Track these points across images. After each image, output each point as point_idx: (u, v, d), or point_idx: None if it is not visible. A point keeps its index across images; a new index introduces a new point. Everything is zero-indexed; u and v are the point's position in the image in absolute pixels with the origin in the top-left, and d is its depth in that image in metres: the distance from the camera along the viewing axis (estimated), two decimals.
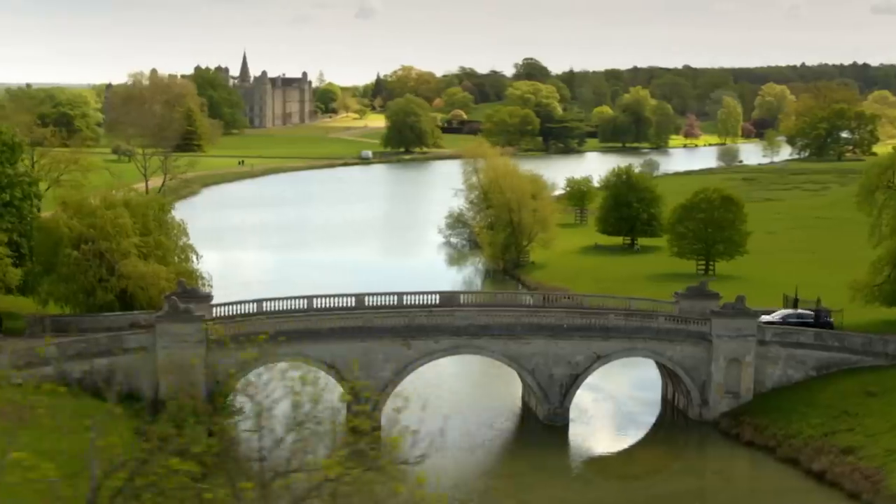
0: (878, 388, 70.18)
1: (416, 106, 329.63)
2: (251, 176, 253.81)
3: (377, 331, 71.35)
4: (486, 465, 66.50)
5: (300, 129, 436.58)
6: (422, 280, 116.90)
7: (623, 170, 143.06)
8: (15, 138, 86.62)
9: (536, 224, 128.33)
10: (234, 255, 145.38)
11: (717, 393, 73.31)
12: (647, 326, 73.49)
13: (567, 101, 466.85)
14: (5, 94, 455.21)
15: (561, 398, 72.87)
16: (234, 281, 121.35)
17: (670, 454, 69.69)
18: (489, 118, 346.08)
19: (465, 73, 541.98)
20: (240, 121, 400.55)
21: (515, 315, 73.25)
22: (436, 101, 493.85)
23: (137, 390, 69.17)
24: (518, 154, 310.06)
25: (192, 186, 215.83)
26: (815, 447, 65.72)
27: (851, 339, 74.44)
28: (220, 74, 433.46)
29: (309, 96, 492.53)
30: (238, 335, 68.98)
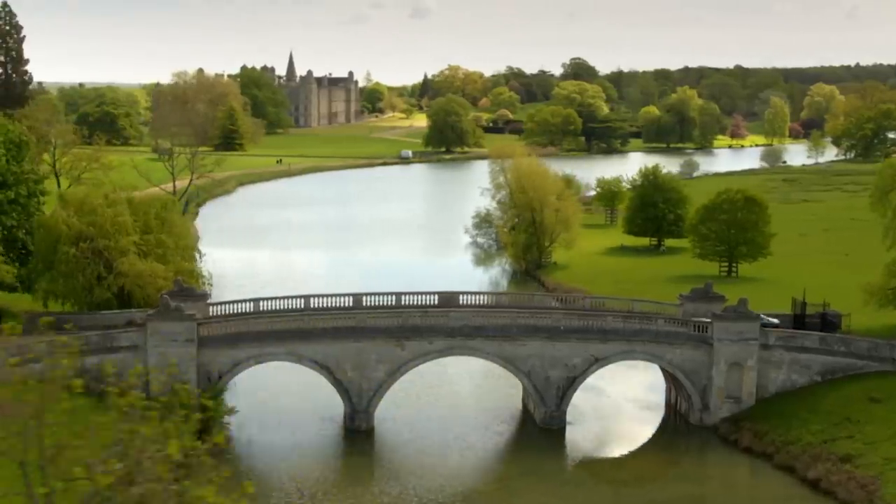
0: (882, 395, 68.31)
1: (458, 105, 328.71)
2: (288, 175, 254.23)
3: (370, 331, 70.55)
4: (476, 468, 65.38)
5: (345, 128, 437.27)
6: (446, 280, 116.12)
7: (650, 170, 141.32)
8: (22, 136, 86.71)
9: (559, 224, 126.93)
10: (256, 253, 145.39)
11: (718, 397, 71.76)
12: (646, 329, 72.07)
13: (614, 101, 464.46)
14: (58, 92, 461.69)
15: (558, 401, 71.66)
16: (252, 280, 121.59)
17: (666, 459, 68.18)
18: (531, 118, 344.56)
19: (512, 73, 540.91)
20: (284, 120, 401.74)
21: (511, 316, 72.10)
22: (482, 101, 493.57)
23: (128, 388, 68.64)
24: (559, 154, 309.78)
25: (227, 185, 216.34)
26: (812, 454, 64.07)
27: (857, 343, 72.53)
28: (266, 74, 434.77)
29: (355, 96, 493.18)
30: (230, 335, 68.73)
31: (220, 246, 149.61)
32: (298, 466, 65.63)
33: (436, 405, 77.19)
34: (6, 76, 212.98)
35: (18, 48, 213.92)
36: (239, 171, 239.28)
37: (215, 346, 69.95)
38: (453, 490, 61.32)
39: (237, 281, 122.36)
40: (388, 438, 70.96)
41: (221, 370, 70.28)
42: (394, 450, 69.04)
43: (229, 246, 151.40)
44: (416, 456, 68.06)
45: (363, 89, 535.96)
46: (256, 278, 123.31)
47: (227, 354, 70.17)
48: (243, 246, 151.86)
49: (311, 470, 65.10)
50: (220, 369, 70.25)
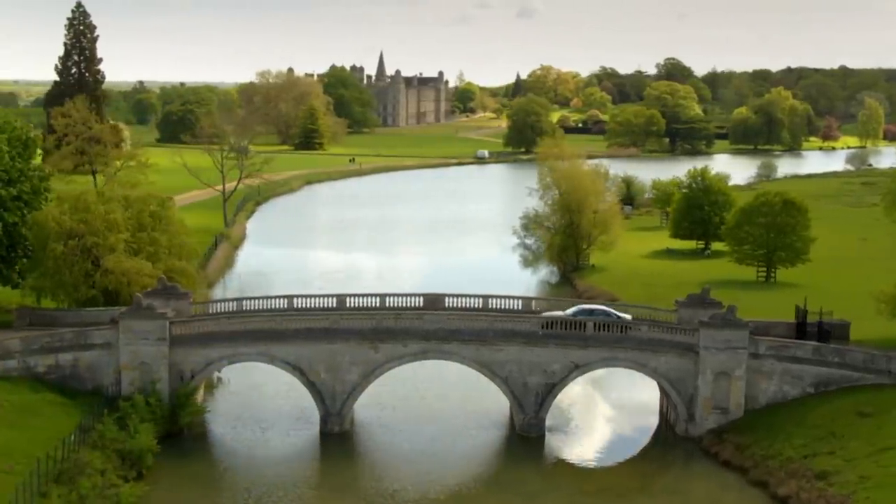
0: (872, 409, 65.00)
1: (538, 106, 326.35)
2: (359, 174, 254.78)
3: (343, 333, 69.38)
4: (437, 475, 63.45)
5: (432, 128, 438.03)
6: (484, 283, 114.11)
7: (698, 172, 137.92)
8: (28, 134, 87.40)
9: (596, 227, 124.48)
10: (300, 251, 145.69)
11: (704, 408, 69.00)
12: (629, 335, 69.62)
13: (707, 101, 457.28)
14: (159, 91, 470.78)
15: (536, 408, 69.65)
16: (284, 277, 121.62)
17: (639, 471, 65.64)
18: (613, 118, 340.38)
19: (605, 73, 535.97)
20: (370, 119, 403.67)
21: (488, 320, 70.21)
22: (574, 101, 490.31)
23: (101, 386, 69.01)
24: (640, 155, 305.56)
25: (292, 184, 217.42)
26: (790, 470, 61.21)
27: (853, 355, 69.14)
28: (354, 74, 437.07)
29: (445, 95, 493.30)
30: (203, 334, 68.26)
31: (267, 244, 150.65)
32: (265, 468, 64.75)
33: (421, 409, 75.85)
34: (80, 75, 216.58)
35: (92, 47, 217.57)
36: (308, 171, 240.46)
37: (188, 346, 69.50)
38: (402, 498, 59.79)
39: (269, 278, 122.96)
40: (362, 441, 69.76)
41: (194, 369, 69.81)
42: (361, 453, 67.69)
43: (277, 244, 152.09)
44: (382, 460, 66.87)
45: (455, 89, 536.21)
46: (290, 276, 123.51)
47: (200, 354, 69.66)
48: (289, 244, 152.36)
49: (275, 472, 64.13)
50: (192, 369, 69.78)
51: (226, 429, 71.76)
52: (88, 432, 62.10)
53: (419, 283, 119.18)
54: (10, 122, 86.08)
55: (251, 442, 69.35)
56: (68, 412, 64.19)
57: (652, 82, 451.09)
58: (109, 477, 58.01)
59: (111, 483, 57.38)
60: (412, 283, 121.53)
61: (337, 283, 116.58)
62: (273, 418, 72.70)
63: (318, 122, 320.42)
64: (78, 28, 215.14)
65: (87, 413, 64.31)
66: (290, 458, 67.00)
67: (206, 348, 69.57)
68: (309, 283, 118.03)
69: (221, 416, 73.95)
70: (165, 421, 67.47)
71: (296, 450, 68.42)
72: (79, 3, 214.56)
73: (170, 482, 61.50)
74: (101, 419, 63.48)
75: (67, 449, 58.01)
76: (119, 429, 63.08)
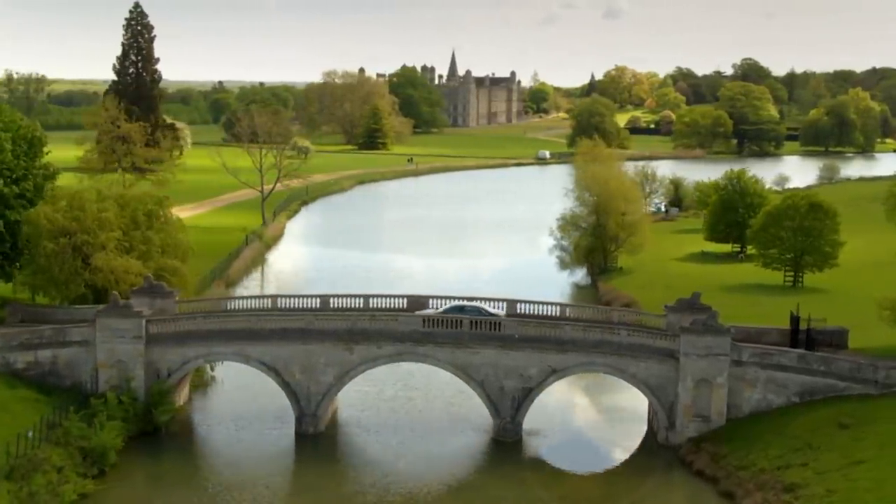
0: (853, 420, 62.79)
1: (602, 106, 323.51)
2: (414, 174, 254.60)
3: (319, 334, 68.95)
4: (399, 478, 62.73)
5: (502, 128, 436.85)
6: (512, 285, 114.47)
7: (734, 174, 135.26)
8: (36, 132, 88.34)
9: (623, 228, 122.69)
10: (334, 251, 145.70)
11: (685, 416, 67.25)
12: (608, 340, 68.12)
13: (783, 102, 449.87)
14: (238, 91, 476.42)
15: (513, 413, 68.51)
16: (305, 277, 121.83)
17: (609, 480, 64.06)
18: (680, 119, 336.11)
19: (680, 74, 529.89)
20: (439, 119, 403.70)
21: (464, 322, 69.16)
22: (648, 102, 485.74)
23: (79, 383, 69.37)
24: (706, 157, 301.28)
25: (343, 184, 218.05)
26: (759, 482, 59.46)
27: (839, 363, 66.86)
28: (425, 74, 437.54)
29: (517, 96, 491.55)
30: (179, 333, 68.34)
31: (304, 243, 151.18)
32: (234, 468, 64.65)
33: (404, 410, 75.18)
34: (137, 75, 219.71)
35: (149, 47, 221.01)
36: (362, 170, 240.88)
37: (164, 344, 69.61)
38: (360, 502, 59.19)
39: (296, 277, 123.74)
40: (336, 443, 69.24)
41: (171, 368, 69.88)
42: (332, 455, 66.98)
43: (313, 243, 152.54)
44: (350, 462, 66.31)
45: (528, 89, 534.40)
46: (317, 275, 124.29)
47: (176, 352, 69.72)
48: (325, 243, 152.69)
49: (242, 472, 63.94)
50: (169, 367, 69.86)
51: (203, 428, 71.78)
52: (54, 429, 62.36)
53: (448, 284, 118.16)
54: (15, 121, 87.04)
55: (225, 441, 69.25)
56: (39, 409, 64.49)
57: (727, 83, 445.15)
58: (67, 474, 58.15)
59: (66, 480, 57.54)
60: (440, 284, 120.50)
61: (364, 283, 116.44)
62: (252, 418, 72.48)
63: (382, 122, 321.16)
64: (135, 28, 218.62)
65: (57, 410, 64.56)
66: (261, 458, 66.50)
67: (182, 347, 69.62)
68: (335, 282, 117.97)
69: (203, 415, 74.07)
70: (139, 419, 67.58)
71: (268, 450, 67.95)
72: (136, 4, 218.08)
73: (132, 480, 61.59)
74: (68, 416, 63.69)
75: (25, 445, 58.19)
76: (88, 426, 63.25)
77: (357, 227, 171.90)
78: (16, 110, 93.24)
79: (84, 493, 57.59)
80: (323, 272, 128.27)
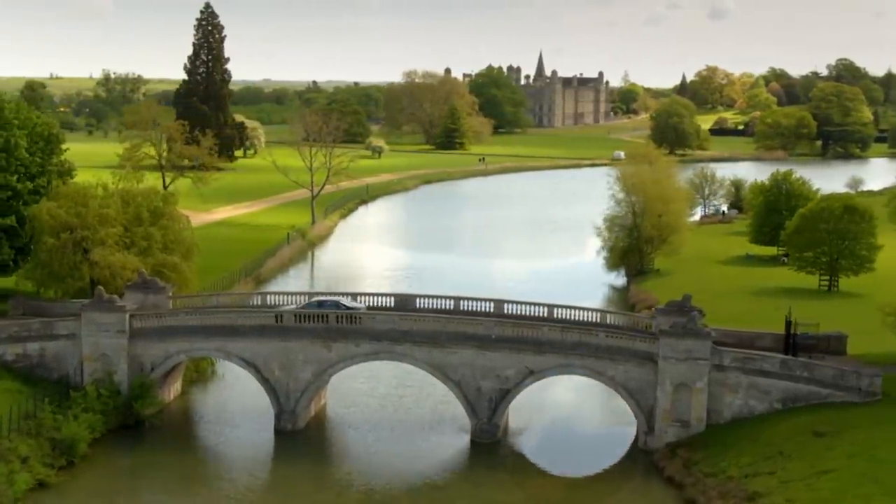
0: (829, 428, 60.95)
1: (681, 107, 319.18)
2: (484, 174, 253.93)
3: (297, 331, 69.10)
4: (363, 478, 62.49)
5: (587, 129, 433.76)
6: (561, 286, 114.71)
7: (780, 175, 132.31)
8: (52, 130, 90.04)
9: (660, 230, 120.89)
10: (380, 250, 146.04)
11: (663, 421, 65.90)
12: (586, 342, 67.04)
13: (879, 104, 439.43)
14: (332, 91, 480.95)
15: (490, 413, 67.86)
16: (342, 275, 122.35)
17: (576, 485, 62.74)
18: (762, 120, 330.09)
19: (773, 75, 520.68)
20: (523, 120, 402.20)
21: (441, 322, 68.69)
22: (738, 103, 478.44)
23: (66, 376, 70.53)
24: (788, 158, 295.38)
25: (406, 183, 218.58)
26: (723, 490, 58.08)
27: (822, 370, 64.85)
28: (511, 74, 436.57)
29: (605, 96, 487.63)
30: (162, 328, 69.09)
31: (352, 242, 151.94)
32: (206, 463, 65.35)
33: (390, 409, 75.02)
34: (207, 74, 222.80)
35: (219, 47, 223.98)
36: (430, 170, 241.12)
37: (147, 339, 70.44)
38: (317, 500, 59.14)
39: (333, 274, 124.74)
40: (313, 440, 69.11)
41: (154, 362, 70.69)
42: (305, 453, 66.78)
43: (360, 242, 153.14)
44: (322, 461, 65.94)
45: (617, 90, 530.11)
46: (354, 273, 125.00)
47: (159, 347, 70.48)
48: (373, 242, 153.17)
49: (213, 467, 64.50)
50: (152, 361, 70.67)
51: (188, 423, 72.50)
52: (30, 419, 63.45)
53: (487, 285, 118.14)
54: (31, 119, 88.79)
55: (205, 436, 69.93)
56: (19, 400, 65.58)
57: (819, 83, 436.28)
58: (31, 464, 59.18)
59: (29, 469, 58.54)
60: (479, 285, 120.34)
61: (400, 282, 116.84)
62: (239, 414, 72.99)
63: (460, 122, 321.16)
64: (206, 28, 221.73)
65: (35, 401, 65.60)
66: (235, 454, 66.88)
67: (164, 342, 70.33)
68: (368, 280, 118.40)
69: (191, 409, 74.80)
70: (119, 412, 68.44)
71: (244, 446, 68.22)
72: (207, 5, 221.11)
73: (100, 472, 62.24)
74: (43, 407, 64.76)
75: None
76: (64, 418, 64.23)
77: (407, 225, 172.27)
78: (32, 108, 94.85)
79: (44, 483, 58.42)
80: (360, 270, 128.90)
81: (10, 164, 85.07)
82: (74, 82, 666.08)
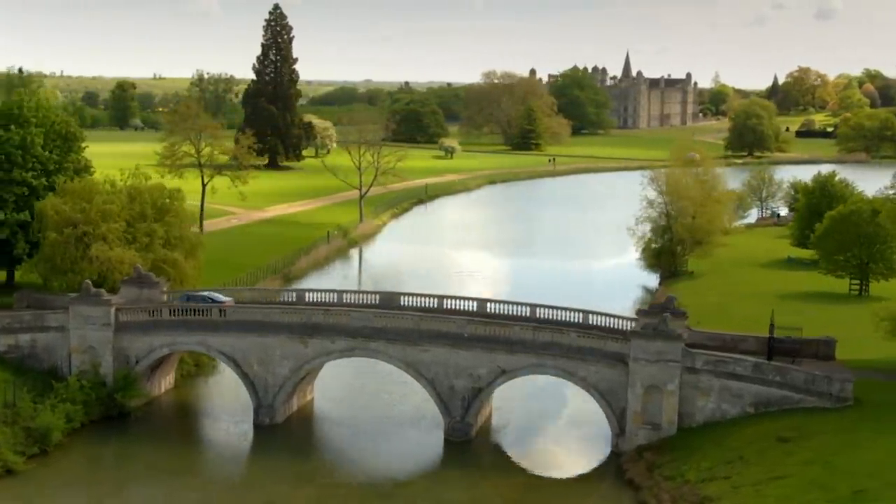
0: (793, 434, 59.79)
1: (760, 108, 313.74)
2: (552, 175, 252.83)
3: (274, 327, 69.95)
4: (329, 474, 63.03)
5: (672, 130, 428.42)
6: (597, 288, 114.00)
7: (822, 177, 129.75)
8: (70, 128, 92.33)
9: (696, 232, 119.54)
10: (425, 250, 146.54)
11: (634, 423, 65.23)
12: (558, 342, 66.65)
13: None
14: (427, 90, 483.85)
15: (463, 412, 67.90)
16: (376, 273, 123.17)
17: (538, 486, 62.36)
18: (845, 122, 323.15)
19: (868, 76, 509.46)
20: (605, 121, 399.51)
21: (415, 320, 68.90)
22: (830, 104, 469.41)
23: (56, 367, 72.35)
24: (869, 161, 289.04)
25: (468, 183, 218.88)
26: (677, 494, 57.46)
27: (794, 374, 63.60)
28: (596, 75, 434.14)
29: (693, 98, 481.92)
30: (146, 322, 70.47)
31: (399, 241, 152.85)
32: (179, 455, 65.99)
33: (375, 404, 75.78)
34: (275, 74, 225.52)
35: (287, 48, 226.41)
36: (496, 170, 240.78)
37: (132, 332, 71.95)
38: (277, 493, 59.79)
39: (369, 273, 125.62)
40: (290, 435, 69.69)
41: (138, 355, 72.14)
42: (279, 448, 67.34)
43: (407, 242, 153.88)
44: (291, 456, 66.30)
45: (707, 91, 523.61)
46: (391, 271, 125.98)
47: (143, 341, 71.93)
48: (419, 242, 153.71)
49: (185, 460, 65.43)
50: (136, 354, 72.14)
51: (172, 415, 73.86)
52: (8, 408, 65.23)
53: (521, 285, 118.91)
54: (49, 117, 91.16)
55: (185, 430, 71.27)
56: (4, 389, 67.42)
57: None
58: (2, 451, 60.89)
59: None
60: (512, 284, 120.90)
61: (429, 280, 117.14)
62: (222, 408, 74.32)
63: (536, 123, 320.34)
64: (275, 29, 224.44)
65: (16, 390, 67.37)
66: (210, 447, 68.10)
67: (148, 335, 71.77)
68: (400, 279, 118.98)
69: (179, 402, 76.18)
70: (103, 403, 69.96)
71: (222, 440, 69.42)
72: (276, 6, 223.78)
73: (71, 461, 63.64)
74: (23, 396, 66.51)
75: None
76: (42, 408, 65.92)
77: (456, 225, 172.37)
78: (51, 105, 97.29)
79: (12, 470, 60.05)
80: (393, 268, 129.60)
81: (26, 160, 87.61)
82: (176, 83, 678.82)
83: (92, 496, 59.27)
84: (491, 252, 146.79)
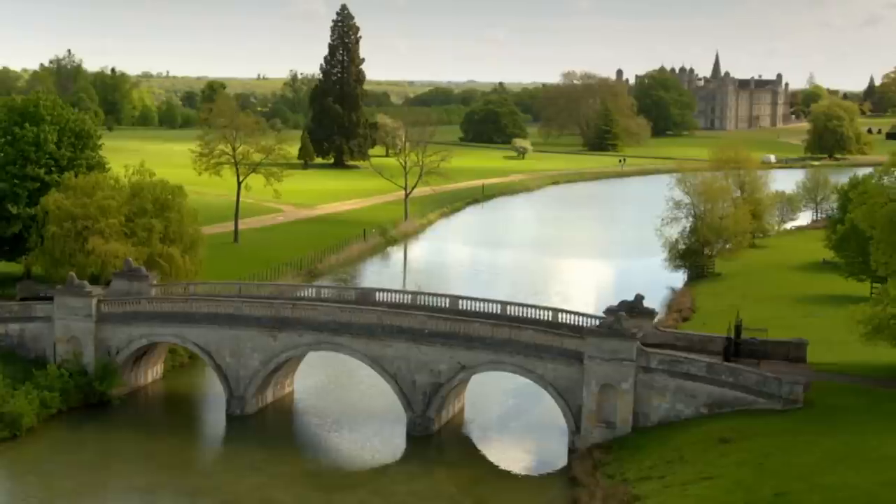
0: (735, 435, 59.42)
1: (841, 110, 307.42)
2: (618, 175, 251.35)
3: (245, 320, 71.58)
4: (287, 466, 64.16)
5: (759, 132, 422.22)
6: (626, 287, 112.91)
7: (856, 179, 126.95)
8: (84, 126, 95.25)
9: (717, 233, 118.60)
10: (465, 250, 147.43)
11: (589, 421, 65.38)
12: (516, 339, 67.05)
13: None
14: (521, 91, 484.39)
15: (424, 407, 68.75)
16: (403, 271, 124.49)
17: (488, 481, 62.81)
18: None
19: None
20: (690, 122, 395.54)
21: (377, 315, 69.89)
22: None
23: (43, 356, 75.01)
24: None
25: (529, 184, 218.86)
26: (610, 492, 57.42)
27: (747, 375, 63.13)
28: (682, 76, 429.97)
29: (784, 99, 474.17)
30: (126, 313, 72.73)
31: (442, 241, 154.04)
32: (148, 443, 67.82)
33: (350, 397, 77.20)
34: (342, 75, 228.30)
35: (354, 48, 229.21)
36: (562, 171, 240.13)
37: (113, 323, 74.26)
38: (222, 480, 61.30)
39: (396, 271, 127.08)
40: (259, 426, 71.10)
41: (119, 346, 74.41)
42: (244, 438, 68.88)
43: (449, 241, 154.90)
44: (256, 445, 67.54)
45: (800, 92, 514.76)
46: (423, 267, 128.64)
47: (123, 332, 74.20)
48: (461, 242, 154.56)
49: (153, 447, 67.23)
50: (117, 345, 74.42)
51: (151, 405, 75.98)
52: None
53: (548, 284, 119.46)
54: (64, 116, 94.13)
55: (161, 419, 73.24)
56: None
57: None
58: None
59: None
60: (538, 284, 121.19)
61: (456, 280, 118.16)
62: (200, 398, 76.28)
63: (613, 124, 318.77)
64: (342, 30, 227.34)
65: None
66: (183, 436, 69.67)
67: (128, 326, 74.01)
68: (431, 279, 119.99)
69: (162, 392, 78.16)
70: (82, 391, 72.32)
71: (194, 429, 71.33)
72: (343, 7, 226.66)
73: (41, 446, 65.89)
74: None
75: None
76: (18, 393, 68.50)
77: (502, 225, 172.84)
78: (66, 104, 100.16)
79: None
80: (426, 266, 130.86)
81: (39, 157, 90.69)
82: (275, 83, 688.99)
83: (51, 480, 61.41)
84: (527, 250, 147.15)
